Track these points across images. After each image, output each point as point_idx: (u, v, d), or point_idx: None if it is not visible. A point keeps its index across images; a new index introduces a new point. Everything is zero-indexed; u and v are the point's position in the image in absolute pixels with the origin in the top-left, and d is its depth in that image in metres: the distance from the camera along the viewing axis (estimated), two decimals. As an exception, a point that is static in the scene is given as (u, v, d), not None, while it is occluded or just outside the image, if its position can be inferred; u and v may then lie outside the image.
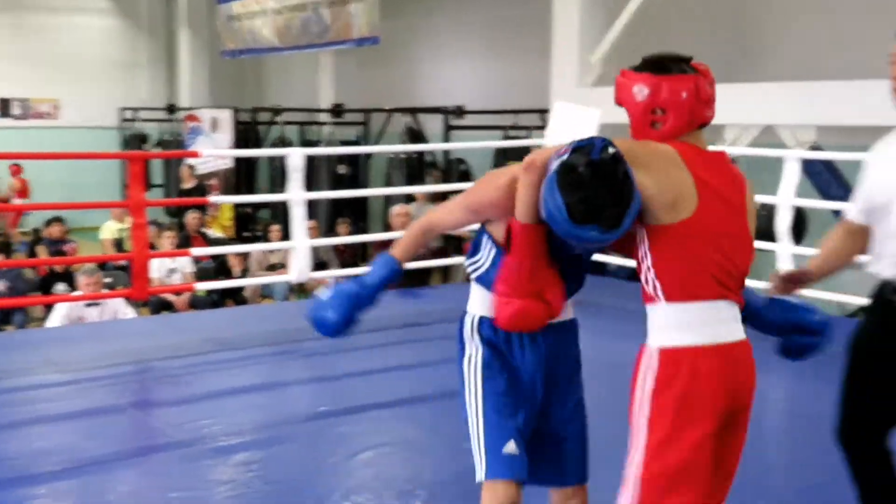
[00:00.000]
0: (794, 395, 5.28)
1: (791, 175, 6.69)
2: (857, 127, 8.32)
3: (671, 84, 2.34)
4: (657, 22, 10.71)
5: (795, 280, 2.95)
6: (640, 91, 2.36)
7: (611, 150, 2.19)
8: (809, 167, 8.48)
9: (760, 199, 7.61)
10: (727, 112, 9.73)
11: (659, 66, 2.38)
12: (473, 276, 2.56)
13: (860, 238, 2.96)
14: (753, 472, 3.89)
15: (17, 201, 16.02)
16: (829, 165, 8.70)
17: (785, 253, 6.67)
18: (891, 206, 2.80)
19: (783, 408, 5.16)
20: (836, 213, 8.61)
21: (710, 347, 2.31)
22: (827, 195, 8.73)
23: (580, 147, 2.20)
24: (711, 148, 2.44)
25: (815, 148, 8.52)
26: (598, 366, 5.79)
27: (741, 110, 9.06)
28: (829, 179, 8.76)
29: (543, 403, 2.57)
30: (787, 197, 6.67)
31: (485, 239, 2.52)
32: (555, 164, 2.22)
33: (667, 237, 2.29)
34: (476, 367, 2.54)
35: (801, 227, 7.89)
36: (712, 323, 2.33)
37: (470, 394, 2.54)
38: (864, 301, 3.00)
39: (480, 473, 2.46)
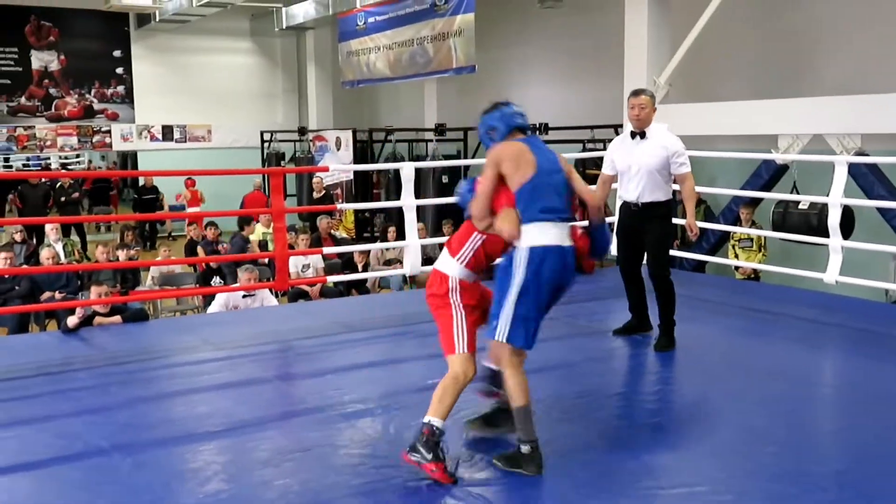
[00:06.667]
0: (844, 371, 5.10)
1: (840, 178, 6.45)
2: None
3: None
4: (716, 46, 10.51)
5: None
6: None
7: None
8: (855, 170, 8.20)
9: (814, 199, 7.37)
10: (780, 123, 9.53)
11: None
12: None
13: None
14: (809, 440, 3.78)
15: (191, 210, 16.44)
16: (873, 169, 8.41)
17: (835, 245, 6.44)
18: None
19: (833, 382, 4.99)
20: (880, 210, 8.32)
21: None
22: (871, 195, 8.46)
23: None
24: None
25: (860, 153, 8.23)
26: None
27: (793, 121, 8.80)
28: (873, 181, 8.46)
29: None
30: (836, 197, 6.43)
31: None
32: None
33: None
34: None
35: (849, 223, 7.65)
36: None
37: None
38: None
39: None
